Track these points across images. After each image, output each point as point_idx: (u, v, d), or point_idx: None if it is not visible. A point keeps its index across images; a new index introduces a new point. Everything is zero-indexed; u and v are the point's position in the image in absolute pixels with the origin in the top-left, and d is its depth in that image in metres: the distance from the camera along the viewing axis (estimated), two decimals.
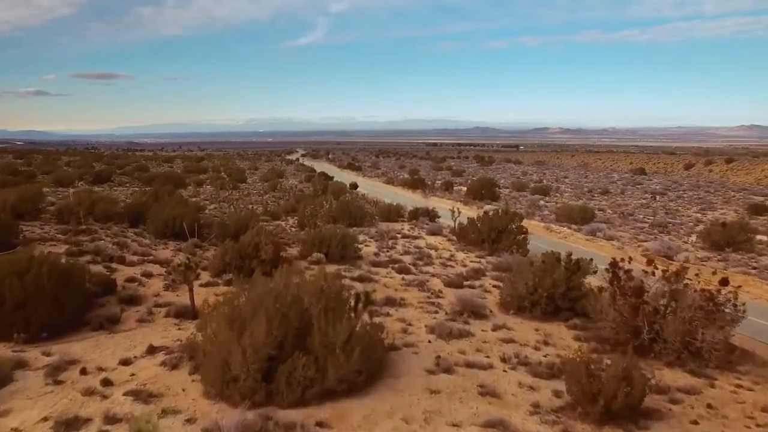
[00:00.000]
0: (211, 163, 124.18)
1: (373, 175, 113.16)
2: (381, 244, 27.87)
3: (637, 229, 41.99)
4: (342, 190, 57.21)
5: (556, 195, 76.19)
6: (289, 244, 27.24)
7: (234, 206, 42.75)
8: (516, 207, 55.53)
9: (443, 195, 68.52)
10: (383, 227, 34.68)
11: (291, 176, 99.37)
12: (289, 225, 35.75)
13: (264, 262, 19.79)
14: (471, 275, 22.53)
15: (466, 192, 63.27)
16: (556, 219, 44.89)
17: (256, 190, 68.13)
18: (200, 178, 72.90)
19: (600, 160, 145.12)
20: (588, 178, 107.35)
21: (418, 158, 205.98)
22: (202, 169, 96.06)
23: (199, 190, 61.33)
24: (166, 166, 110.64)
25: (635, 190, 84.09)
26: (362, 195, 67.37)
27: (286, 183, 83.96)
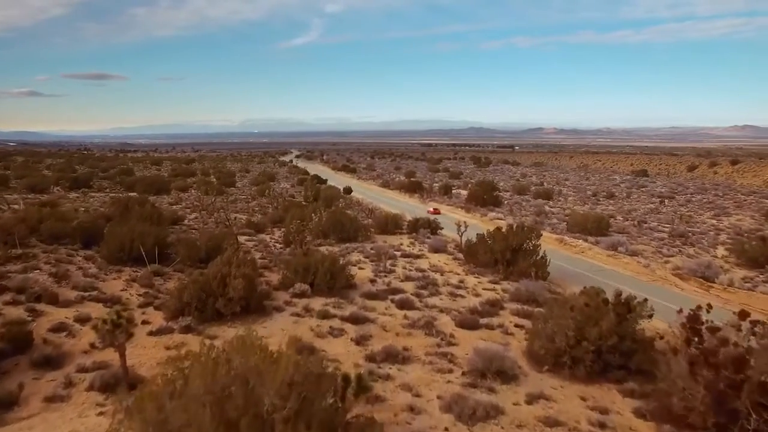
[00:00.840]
0: (202, 165, 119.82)
1: (368, 178, 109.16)
2: (378, 267, 23.83)
3: (657, 241, 38.12)
4: (335, 196, 53.20)
5: (559, 199, 72.39)
6: (270, 268, 23.20)
7: (216, 216, 38.67)
8: (521, 214, 51.70)
9: (442, 200, 64.57)
10: (380, 243, 30.71)
11: (283, 179, 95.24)
12: (274, 240, 31.65)
13: (232, 300, 15.77)
14: (486, 309, 18.54)
15: (467, 197, 59.34)
16: (567, 229, 41.00)
17: (244, 195, 64.00)
18: (186, 183, 68.62)
19: (599, 161, 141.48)
20: (589, 180, 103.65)
21: (413, 159, 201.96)
22: (190, 173, 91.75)
23: (183, 197, 57.13)
24: (154, 168, 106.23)
25: (641, 193, 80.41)
26: (357, 200, 63.41)
27: (277, 187, 79.89)
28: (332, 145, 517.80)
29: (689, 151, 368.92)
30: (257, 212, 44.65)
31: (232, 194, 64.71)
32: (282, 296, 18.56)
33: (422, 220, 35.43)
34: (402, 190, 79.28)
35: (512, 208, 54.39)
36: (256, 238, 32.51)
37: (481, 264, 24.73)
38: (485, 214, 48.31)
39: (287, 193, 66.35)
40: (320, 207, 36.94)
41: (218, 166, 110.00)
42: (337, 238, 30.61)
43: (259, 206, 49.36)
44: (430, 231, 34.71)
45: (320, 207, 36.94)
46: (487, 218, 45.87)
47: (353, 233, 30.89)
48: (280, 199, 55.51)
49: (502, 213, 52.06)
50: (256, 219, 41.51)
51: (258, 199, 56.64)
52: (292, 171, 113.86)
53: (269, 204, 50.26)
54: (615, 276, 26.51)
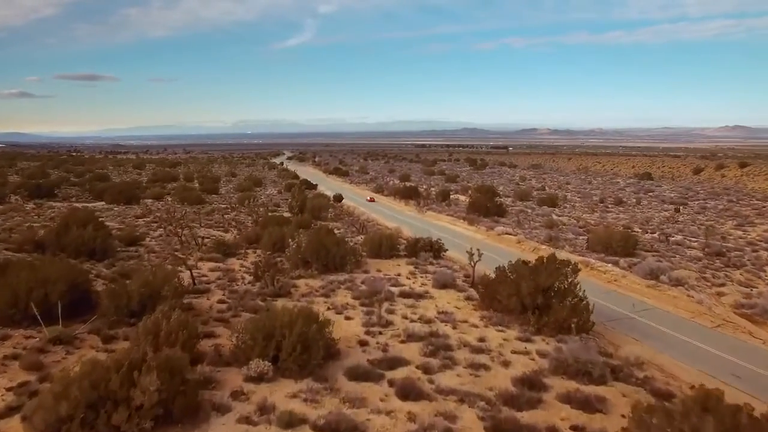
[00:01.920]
0: (187, 168, 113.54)
1: (360, 182, 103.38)
2: (370, 315, 18.07)
3: (694, 262, 32.62)
4: (323, 206, 47.38)
5: (565, 206, 66.95)
6: (227, 321, 17.36)
7: (182, 235, 32.75)
8: (530, 226, 46.08)
9: (440, 208, 58.92)
10: (373, 273, 24.95)
11: (270, 184, 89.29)
12: (245, 268, 25.81)
13: (141, 410, 9.97)
14: (524, 394, 12.86)
15: (469, 206, 53.66)
16: (588, 247, 35.40)
17: (225, 203, 58.08)
18: (162, 190, 62.53)
19: (599, 163, 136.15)
20: (592, 184, 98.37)
21: (407, 161, 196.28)
22: (172, 177, 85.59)
23: (155, 207, 51.09)
24: (136, 173, 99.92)
25: (650, 198, 75.15)
26: (348, 210, 57.65)
27: (263, 194, 73.95)
28: (325, 146, 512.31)
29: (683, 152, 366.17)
30: (233, 227, 38.80)
31: (211, 203, 58.75)
32: (231, 379, 12.77)
33: (423, 241, 29.61)
34: (397, 196, 73.61)
35: (519, 219, 48.79)
36: (224, 265, 26.66)
37: (503, 309, 19.03)
38: (491, 227, 42.66)
39: (272, 201, 60.48)
40: (300, 229, 31.16)
41: (204, 170, 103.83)
42: (321, 266, 24.82)
43: (236, 220, 43.44)
44: (433, 254, 28.96)
45: (300, 229, 31.16)
46: (494, 233, 40.25)
47: (340, 260, 25.08)
48: (262, 209, 49.61)
49: (509, 225, 46.48)
50: (229, 237, 35.67)
51: (238, 209, 50.71)
52: (281, 174, 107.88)
53: (250, 215, 44.36)
54: (668, 319, 20.88)
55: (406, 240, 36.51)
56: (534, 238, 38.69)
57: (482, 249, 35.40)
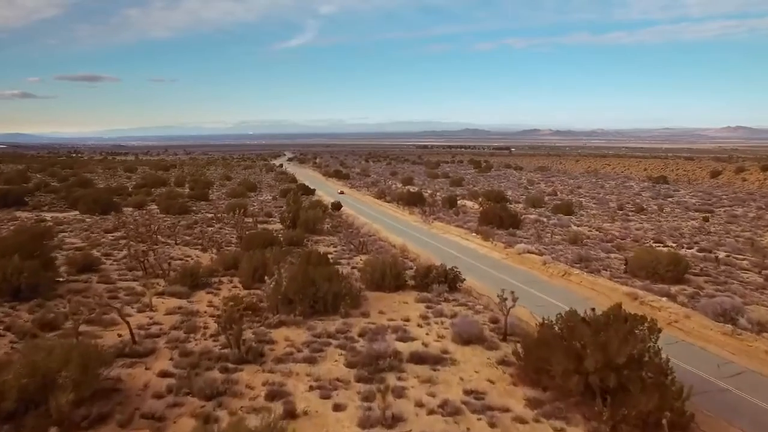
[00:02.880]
0: (181, 171, 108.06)
1: (361, 185, 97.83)
2: (369, 406, 12.45)
3: (761, 292, 27.01)
4: (318, 218, 41.79)
5: (581, 213, 61.36)
6: (162, 419, 11.78)
7: (148, 259, 27.18)
8: (552, 240, 40.45)
9: (448, 217, 53.33)
10: (373, 319, 19.37)
11: (266, 189, 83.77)
12: (213, 308, 20.26)
13: None
14: None
15: (481, 217, 47.98)
16: (628, 271, 29.73)
17: (213, 211, 52.53)
18: (144, 198, 57.00)
19: (608, 165, 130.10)
20: (604, 188, 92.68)
21: (410, 163, 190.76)
22: (162, 182, 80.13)
23: (132, 218, 45.57)
24: (126, 176, 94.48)
25: (671, 205, 69.48)
26: (347, 219, 52.09)
27: (257, 199, 68.43)
28: (326, 147, 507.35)
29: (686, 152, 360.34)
30: (213, 245, 33.24)
31: (198, 211, 53.23)
32: None
33: (436, 270, 23.98)
34: (400, 201, 68.05)
35: (538, 232, 43.15)
36: (189, 302, 21.12)
37: (556, 387, 13.45)
38: (509, 244, 37.02)
39: (264, 210, 54.94)
40: (290, 247, 25.66)
41: (198, 173, 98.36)
42: (308, 307, 19.28)
43: (218, 236, 37.86)
44: (448, 285, 23.37)
45: (290, 247, 25.66)
46: (514, 251, 34.60)
47: (333, 299, 19.53)
48: (251, 220, 44.05)
49: (528, 239, 40.91)
50: (207, 258, 30.11)
51: (224, 220, 45.13)
52: (278, 178, 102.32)
53: (235, 228, 38.76)
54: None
55: (413, 261, 30.98)
56: (560, 257, 33.13)
57: (503, 273, 30.70)
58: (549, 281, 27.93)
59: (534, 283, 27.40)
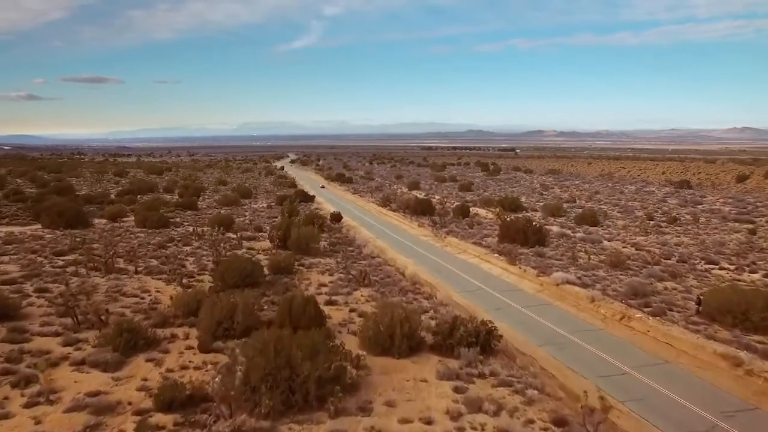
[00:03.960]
0: (175, 175, 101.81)
1: (365, 190, 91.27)
2: None
3: None
4: (312, 236, 35.16)
5: (607, 224, 54.64)
6: None
7: (79, 306, 20.75)
8: (588, 263, 33.73)
9: (462, 231, 46.72)
10: (380, 411, 12.82)
11: (263, 194, 77.39)
12: (146, 392, 13.77)
13: None
14: None
15: (501, 233, 41.25)
16: (701, 312, 23.03)
17: (198, 223, 46.11)
18: (121, 209, 50.59)
19: (623, 168, 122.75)
20: (624, 193, 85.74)
21: (415, 165, 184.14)
22: (149, 187, 73.83)
23: (94, 235, 39.14)
24: (115, 180, 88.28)
25: (706, 214, 62.59)
26: (347, 234, 45.51)
27: (251, 207, 62.01)
28: (330, 148, 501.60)
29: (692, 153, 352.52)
30: (178, 277, 26.72)
31: (180, 224, 46.82)
32: None
33: (463, 327, 17.33)
34: (407, 210, 61.50)
35: (574, 254, 36.40)
36: (115, 380, 14.64)
37: None
38: (541, 270, 30.34)
39: (254, 223, 48.42)
40: (254, 308, 19.18)
41: (192, 177, 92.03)
42: (281, 402, 12.71)
43: (193, 259, 31.32)
44: (480, 348, 16.75)
45: (254, 308, 19.18)
46: (550, 280, 27.91)
47: (317, 387, 12.97)
48: (236, 237, 37.57)
49: (560, 260, 34.31)
50: (168, 295, 23.58)
51: (205, 236, 38.57)
52: (277, 182, 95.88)
53: (211, 251, 32.16)
54: None
55: (428, 299, 24.36)
56: (607, 289, 26.54)
57: (544, 315, 23.00)
58: (606, 330, 21.30)
59: (587, 333, 20.80)
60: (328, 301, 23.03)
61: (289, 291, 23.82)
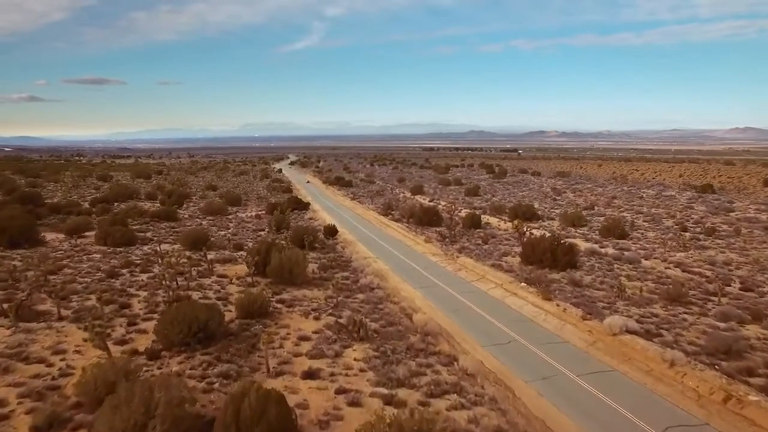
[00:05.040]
0: (164, 179, 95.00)
1: (365, 195, 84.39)
2: None
3: None
4: (297, 261, 28.21)
5: (636, 235, 47.74)
6: None
7: None
8: (635, 293, 26.81)
9: (476, 247, 39.83)
10: None
11: (254, 201, 70.60)
12: None
13: None
14: None
15: (523, 254, 34.24)
16: None
17: (161, 243, 39.33)
18: (85, 221, 43.78)
19: (636, 170, 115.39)
20: (644, 198, 78.68)
21: (417, 167, 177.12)
22: (129, 194, 66.99)
23: (37, 257, 32.29)
24: (93, 187, 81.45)
25: (743, 223, 55.55)
26: (344, 248, 38.66)
27: (238, 216, 55.14)
28: (331, 149, 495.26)
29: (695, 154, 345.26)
30: (99, 336, 19.92)
31: (150, 240, 40.00)
32: None
33: None
34: (410, 219, 54.63)
35: (620, 287, 29.37)
36: None
37: None
38: (588, 311, 23.42)
39: (232, 241, 41.51)
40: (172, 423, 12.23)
41: (181, 181, 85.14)
42: None
43: (145, 295, 24.43)
44: None
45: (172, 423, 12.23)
46: (604, 328, 20.99)
47: None
48: (207, 261, 30.65)
49: (601, 289, 27.46)
50: (88, 359, 16.75)
51: (169, 259, 31.65)
52: (272, 186, 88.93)
53: (164, 282, 25.24)
54: None
55: (447, 365, 17.44)
56: (680, 339, 19.74)
57: (611, 392, 15.82)
58: (711, 423, 14.33)
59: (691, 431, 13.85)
60: (307, 372, 16.17)
61: (256, 361, 16.85)
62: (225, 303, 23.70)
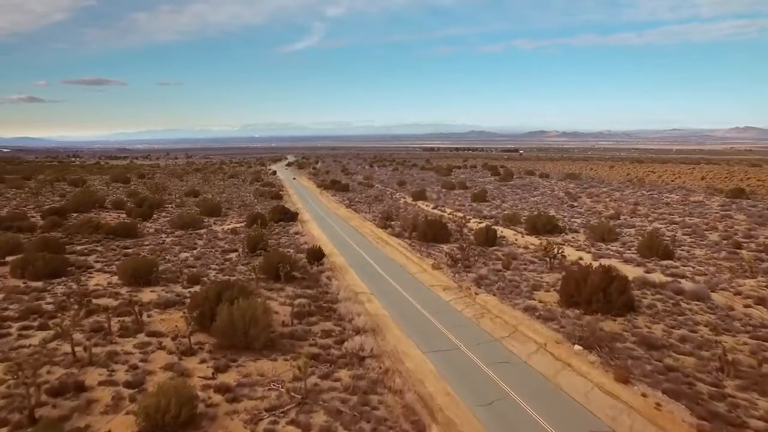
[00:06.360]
0: (143, 184, 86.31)
1: (362, 201, 75.75)
2: None
3: None
4: (253, 315, 19.52)
5: (681, 253, 39.06)
6: None
7: None
8: (754, 370, 18.00)
9: (497, 277, 31.16)
10: None
11: (237, 208, 62.03)
12: None
13: None
14: None
15: (563, 293, 25.61)
16: None
17: (109, 267, 30.74)
18: (13, 239, 35.15)
19: (653, 172, 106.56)
20: (670, 205, 69.90)
21: (418, 168, 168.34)
22: (94, 202, 58.33)
23: None
24: (59, 193, 72.76)
25: None
26: (327, 282, 29.90)
27: (213, 228, 46.44)
28: (331, 149, 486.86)
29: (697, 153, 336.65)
30: None
31: (89, 268, 31.35)
32: None
33: None
34: (413, 232, 45.94)
35: (721, 357, 20.59)
36: None
37: None
38: (702, 418, 14.85)
39: (193, 268, 32.78)
40: None
41: (160, 185, 76.35)
42: None
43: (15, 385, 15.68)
44: None
45: None
46: None
47: None
48: (121, 322, 22.01)
49: (684, 351, 18.84)
50: None
51: (80, 307, 22.84)
52: (260, 192, 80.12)
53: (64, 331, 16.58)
54: None
55: None
56: None
57: None
58: None
59: None
60: None
61: None
62: (138, 391, 15.10)
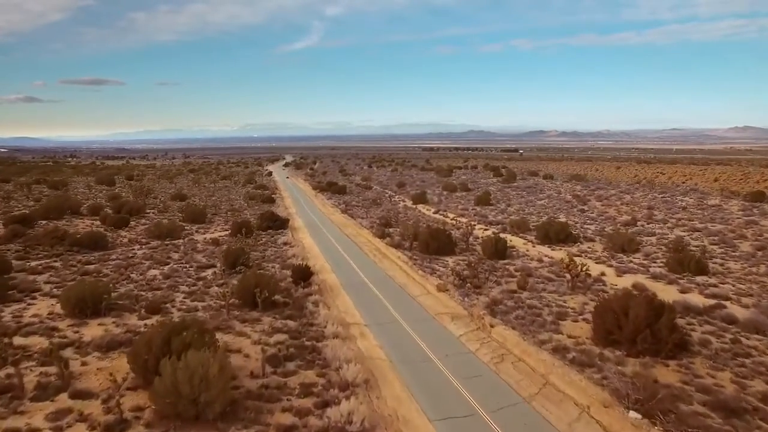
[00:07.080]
0: (130, 186, 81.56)
1: (359, 205, 71.09)
2: None
3: None
4: (206, 374, 14.85)
5: (715, 266, 34.40)
6: None
7: None
8: None
9: (513, 305, 26.50)
10: None
11: (224, 214, 57.38)
12: None
13: None
14: None
15: (597, 327, 20.94)
16: None
17: (59, 288, 26.10)
18: None
19: (662, 173, 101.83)
20: (686, 209, 65.25)
21: (418, 169, 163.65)
22: (69, 207, 53.59)
23: None
24: (33, 197, 67.96)
25: None
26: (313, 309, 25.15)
27: (193, 238, 41.67)
28: (331, 149, 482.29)
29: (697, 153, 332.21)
30: None
31: (35, 292, 26.64)
32: None
33: None
34: (414, 242, 41.26)
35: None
36: None
37: None
38: None
39: (159, 292, 28.01)
40: None
41: (146, 189, 71.54)
42: None
43: None
44: None
45: None
46: None
47: None
48: (40, 377, 17.30)
49: None
50: None
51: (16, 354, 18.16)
52: (251, 195, 75.29)
53: None
54: None
55: None
56: None
57: None
58: None
59: None
60: None
61: None
62: None
